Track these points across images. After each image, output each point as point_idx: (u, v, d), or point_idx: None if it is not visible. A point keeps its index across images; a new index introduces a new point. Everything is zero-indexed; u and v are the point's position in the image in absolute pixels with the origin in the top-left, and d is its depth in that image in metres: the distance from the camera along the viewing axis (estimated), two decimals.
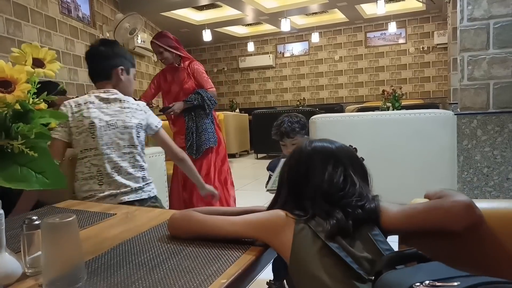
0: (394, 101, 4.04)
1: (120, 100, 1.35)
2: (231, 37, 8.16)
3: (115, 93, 1.36)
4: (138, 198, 1.33)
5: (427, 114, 2.04)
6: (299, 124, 1.62)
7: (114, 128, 1.30)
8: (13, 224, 0.92)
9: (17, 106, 0.59)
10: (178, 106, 2.45)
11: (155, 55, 6.31)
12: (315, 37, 7.42)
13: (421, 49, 7.37)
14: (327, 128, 2.37)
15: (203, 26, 6.69)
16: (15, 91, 0.58)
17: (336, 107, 7.18)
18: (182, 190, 2.50)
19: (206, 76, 2.58)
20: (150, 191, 1.40)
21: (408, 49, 7.45)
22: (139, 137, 1.36)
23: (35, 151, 0.58)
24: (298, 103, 7.78)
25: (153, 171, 1.76)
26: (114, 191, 1.30)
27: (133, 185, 1.33)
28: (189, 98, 2.46)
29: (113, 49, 1.39)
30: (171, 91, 2.60)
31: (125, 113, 1.34)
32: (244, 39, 8.29)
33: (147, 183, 1.39)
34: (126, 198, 1.31)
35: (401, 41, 7.45)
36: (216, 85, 8.78)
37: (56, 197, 1.21)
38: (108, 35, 4.86)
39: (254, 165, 6.02)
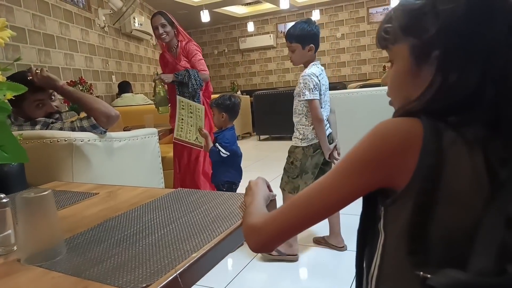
0: None
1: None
2: (230, 18, 8.01)
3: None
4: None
5: None
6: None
7: (327, 90, 1.86)
8: None
9: None
10: (166, 76, 2.42)
11: (153, 38, 6.25)
12: (316, 15, 7.25)
13: None
14: None
15: (201, 7, 6.56)
16: None
17: (339, 87, 7.02)
18: (178, 171, 2.50)
19: (201, 57, 2.53)
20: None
21: None
22: None
23: None
24: None
25: (146, 153, 1.74)
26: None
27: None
28: (179, 73, 2.43)
29: None
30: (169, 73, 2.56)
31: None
32: (244, 19, 8.14)
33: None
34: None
35: None
36: (217, 68, 8.72)
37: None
38: (104, 18, 4.78)
39: (256, 147, 6.00)
